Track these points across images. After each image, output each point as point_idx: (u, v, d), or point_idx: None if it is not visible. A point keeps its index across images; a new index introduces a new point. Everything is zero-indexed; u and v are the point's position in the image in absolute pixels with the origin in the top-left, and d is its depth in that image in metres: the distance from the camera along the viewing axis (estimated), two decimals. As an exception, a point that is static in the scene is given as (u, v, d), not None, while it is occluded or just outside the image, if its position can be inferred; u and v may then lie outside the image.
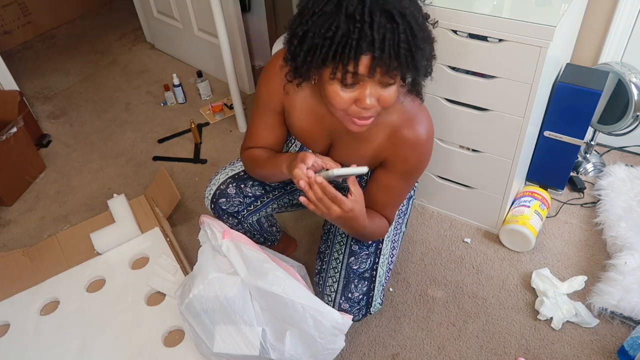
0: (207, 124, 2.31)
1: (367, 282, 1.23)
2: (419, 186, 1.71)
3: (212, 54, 2.47)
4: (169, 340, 1.38)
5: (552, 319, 1.41)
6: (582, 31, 1.74)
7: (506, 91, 1.34)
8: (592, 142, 1.82)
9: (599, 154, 1.92)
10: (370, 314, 1.25)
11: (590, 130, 1.78)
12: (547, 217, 1.71)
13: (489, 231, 1.70)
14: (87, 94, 2.60)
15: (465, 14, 1.27)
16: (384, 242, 1.29)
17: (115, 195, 1.85)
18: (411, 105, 1.06)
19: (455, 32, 1.32)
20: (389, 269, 1.30)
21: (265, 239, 1.44)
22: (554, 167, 1.74)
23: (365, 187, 1.18)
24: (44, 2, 3.13)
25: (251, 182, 1.29)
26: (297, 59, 0.89)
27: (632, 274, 1.42)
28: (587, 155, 1.89)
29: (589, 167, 1.88)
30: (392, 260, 1.31)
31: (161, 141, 2.23)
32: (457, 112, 1.47)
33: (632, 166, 1.80)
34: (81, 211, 1.91)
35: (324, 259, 1.30)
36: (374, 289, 1.24)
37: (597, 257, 1.59)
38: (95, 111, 2.47)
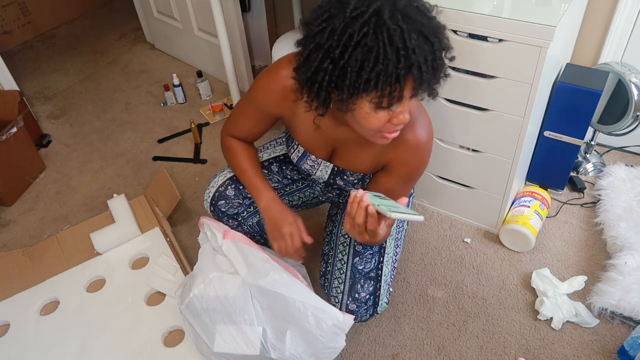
0: (207, 124, 2.31)
1: (373, 282, 1.23)
2: (418, 185, 1.71)
3: (212, 54, 2.47)
4: (169, 340, 1.38)
5: (552, 319, 1.41)
6: (582, 31, 1.74)
7: (506, 91, 1.34)
8: (592, 142, 1.82)
9: (599, 154, 1.92)
10: (377, 314, 1.25)
11: (590, 130, 1.78)
12: (547, 217, 1.71)
13: (489, 231, 1.70)
14: (87, 94, 2.60)
15: (465, 14, 1.27)
16: (387, 240, 1.29)
17: (115, 195, 1.85)
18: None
19: (455, 32, 1.32)
20: (394, 267, 1.30)
21: (266, 240, 1.44)
22: (554, 167, 1.74)
23: (366, 189, 1.18)
24: (44, 2, 3.12)
25: None
26: (322, 88, 0.87)
27: (632, 274, 1.42)
28: (587, 155, 1.89)
29: (589, 167, 1.88)
30: (396, 258, 1.31)
31: (161, 141, 2.23)
32: (457, 112, 1.47)
33: (632, 166, 1.80)
34: (81, 211, 1.91)
35: (328, 261, 1.29)
36: (380, 288, 1.24)
37: (597, 257, 1.59)
38: (95, 111, 2.47)
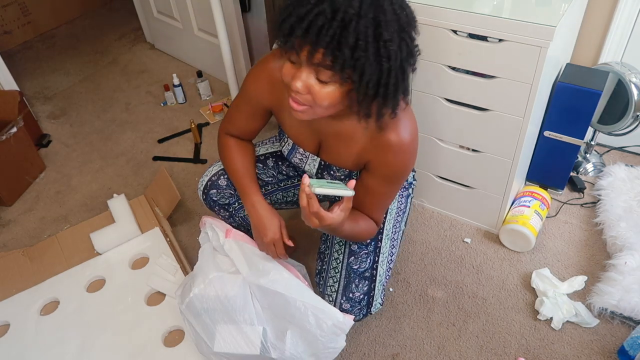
0: (207, 124, 2.31)
1: (367, 282, 1.23)
2: (418, 185, 1.71)
3: (212, 54, 2.47)
4: (169, 340, 1.38)
5: (552, 319, 1.41)
6: (582, 31, 1.74)
7: (506, 91, 1.34)
8: (592, 142, 1.82)
9: (599, 154, 1.92)
10: (370, 314, 1.25)
11: (590, 130, 1.78)
12: (547, 217, 1.71)
13: (489, 231, 1.70)
14: (87, 94, 2.60)
15: (465, 14, 1.27)
16: (383, 240, 1.29)
17: (115, 195, 1.85)
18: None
19: (455, 32, 1.32)
20: (389, 268, 1.30)
21: None
22: (554, 167, 1.74)
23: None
24: (44, 2, 3.13)
25: None
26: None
27: (632, 274, 1.42)
28: (587, 155, 1.89)
29: (589, 167, 1.88)
30: (392, 259, 1.31)
31: (161, 141, 2.23)
32: (457, 112, 1.47)
33: (632, 166, 1.80)
34: (81, 211, 1.91)
35: (324, 259, 1.30)
36: (374, 289, 1.24)
37: (597, 257, 1.59)
38: (95, 111, 2.47)
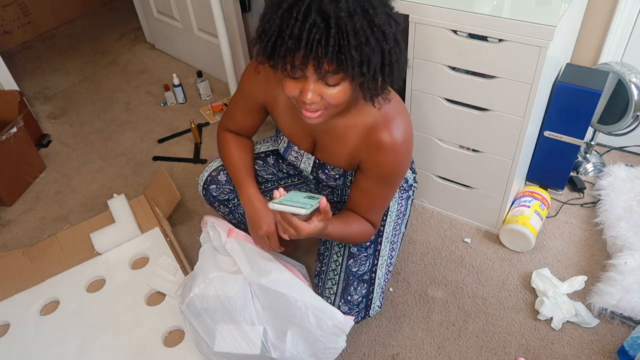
0: (207, 124, 2.31)
1: (366, 285, 1.23)
2: (418, 186, 1.71)
3: (212, 54, 2.47)
4: (169, 340, 1.38)
5: (552, 319, 1.41)
6: (582, 31, 1.74)
7: (506, 91, 1.34)
8: (592, 142, 1.82)
9: (599, 154, 1.92)
10: (369, 317, 1.25)
11: (590, 130, 1.78)
12: (547, 217, 1.71)
13: (489, 231, 1.70)
14: (87, 94, 2.60)
15: (465, 14, 1.27)
16: (383, 243, 1.28)
17: (115, 195, 1.85)
18: (389, 108, 1.04)
19: (455, 32, 1.32)
20: (389, 271, 1.29)
21: None
22: (554, 167, 1.74)
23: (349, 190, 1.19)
24: (44, 2, 3.13)
25: None
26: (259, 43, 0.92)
27: (632, 274, 1.42)
28: (587, 155, 1.89)
29: (589, 167, 1.88)
30: (391, 262, 1.30)
31: (161, 141, 2.23)
32: (457, 112, 1.47)
33: (632, 166, 1.80)
34: (81, 211, 1.91)
35: (323, 261, 1.29)
36: (373, 292, 1.23)
37: (597, 257, 1.59)
38: (95, 111, 2.47)
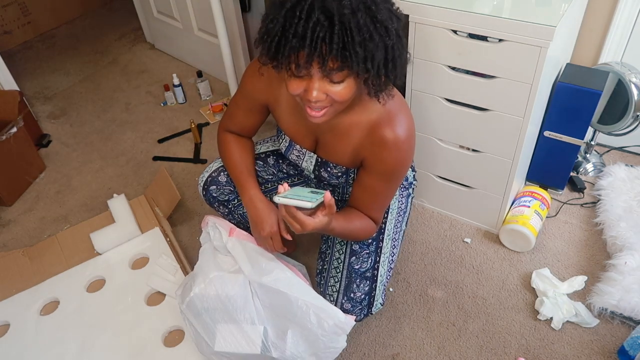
0: (207, 124, 2.31)
1: (369, 282, 1.23)
2: (418, 185, 1.71)
3: (212, 54, 2.47)
4: (169, 340, 1.38)
5: (552, 319, 1.41)
6: (582, 31, 1.74)
7: (506, 91, 1.34)
8: (592, 142, 1.82)
9: (599, 154, 1.92)
10: (371, 314, 1.25)
11: (590, 130, 1.78)
12: (547, 217, 1.71)
13: (489, 231, 1.70)
14: (87, 94, 2.60)
15: (465, 14, 1.27)
16: (384, 240, 1.29)
17: (115, 195, 1.85)
18: (392, 105, 1.05)
19: (455, 32, 1.32)
20: (390, 268, 1.30)
21: None
22: (554, 167, 1.74)
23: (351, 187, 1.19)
24: (44, 2, 3.13)
25: None
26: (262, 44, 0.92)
27: (632, 274, 1.42)
28: (587, 155, 1.89)
29: (589, 167, 1.88)
30: (393, 259, 1.31)
31: (161, 141, 2.23)
32: (457, 112, 1.47)
33: (632, 166, 1.80)
34: (81, 211, 1.91)
35: (325, 259, 1.30)
36: (375, 289, 1.24)
37: (597, 257, 1.59)
38: (95, 111, 2.47)
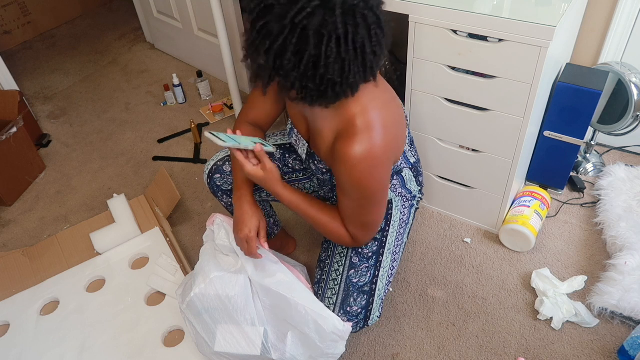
0: (207, 124, 2.31)
1: (366, 296, 1.21)
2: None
3: (212, 54, 2.47)
4: (169, 340, 1.38)
5: (552, 319, 1.41)
6: (582, 31, 1.74)
7: (506, 91, 1.34)
8: (592, 142, 1.82)
9: (599, 154, 1.92)
10: (368, 326, 1.24)
11: (590, 130, 1.78)
12: (547, 217, 1.71)
13: (489, 231, 1.70)
14: (87, 94, 2.60)
15: (465, 14, 1.27)
16: (384, 254, 1.26)
17: (115, 195, 1.85)
18: (368, 118, 0.99)
19: (455, 32, 1.32)
20: (389, 282, 1.27)
21: None
22: (554, 167, 1.74)
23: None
24: (44, 2, 3.13)
25: None
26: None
27: (632, 274, 1.42)
28: (587, 155, 1.89)
29: (589, 167, 1.88)
30: (392, 273, 1.29)
31: (161, 141, 2.23)
32: (457, 112, 1.47)
33: (632, 166, 1.80)
34: (81, 211, 1.91)
35: (324, 269, 1.27)
36: (372, 303, 1.21)
37: (597, 257, 1.59)
38: (95, 111, 2.47)
